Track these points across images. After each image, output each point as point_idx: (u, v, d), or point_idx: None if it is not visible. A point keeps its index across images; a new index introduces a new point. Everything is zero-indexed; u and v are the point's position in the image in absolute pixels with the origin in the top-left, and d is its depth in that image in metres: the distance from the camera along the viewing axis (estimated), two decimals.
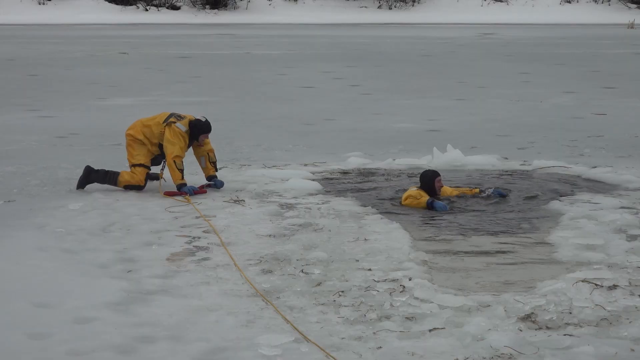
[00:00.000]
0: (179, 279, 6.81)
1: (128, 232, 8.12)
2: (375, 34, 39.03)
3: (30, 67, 24.31)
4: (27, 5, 49.07)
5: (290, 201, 9.33)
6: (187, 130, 9.60)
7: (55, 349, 5.49)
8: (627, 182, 10.23)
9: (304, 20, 47.55)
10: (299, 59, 27.04)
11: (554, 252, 7.59)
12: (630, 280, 6.66)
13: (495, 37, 37.87)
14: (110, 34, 38.63)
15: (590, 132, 13.95)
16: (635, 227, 8.18)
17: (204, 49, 30.79)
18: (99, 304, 6.22)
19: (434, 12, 50.68)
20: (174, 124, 9.57)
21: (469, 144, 12.64)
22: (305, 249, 7.52)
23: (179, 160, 9.51)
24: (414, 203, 9.18)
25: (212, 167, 9.86)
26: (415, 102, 17.86)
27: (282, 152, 12.25)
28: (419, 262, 7.18)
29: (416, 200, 9.18)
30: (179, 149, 9.49)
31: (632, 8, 51.26)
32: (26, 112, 16.08)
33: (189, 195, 9.39)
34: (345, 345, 5.56)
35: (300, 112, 16.23)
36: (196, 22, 47.67)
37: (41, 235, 7.97)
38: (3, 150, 12.29)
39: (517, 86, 20.49)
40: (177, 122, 9.60)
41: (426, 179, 9.37)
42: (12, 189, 9.88)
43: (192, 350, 5.50)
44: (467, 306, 6.13)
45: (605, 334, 5.73)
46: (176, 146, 9.48)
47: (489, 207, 9.30)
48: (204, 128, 9.68)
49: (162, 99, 18.08)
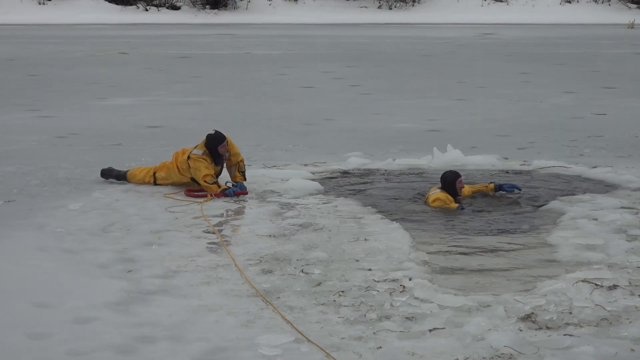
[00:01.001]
0: (179, 279, 6.81)
1: (128, 232, 8.12)
2: (375, 34, 39.03)
3: (30, 67, 24.30)
4: (27, 5, 49.06)
5: (290, 201, 9.33)
6: (204, 151, 9.74)
7: (55, 349, 5.49)
8: (627, 182, 10.24)
9: (304, 20, 47.54)
10: (299, 59, 27.04)
11: (554, 252, 7.60)
12: (630, 280, 6.67)
13: (495, 37, 37.87)
14: (110, 34, 38.62)
15: (590, 132, 13.95)
16: (635, 227, 8.18)
17: (204, 49, 30.79)
18: (99, 304, 6.22)
19: (434, 12, 50.66)
20: (191, 153, 9.74)
21: (469, 144, 12.64)
22: (305, 249, 7.52)
23: (209, 178, 9.59)
24: (444, 207, 9.18)
25: (240, 175, 9.91)
26: (415, 102, 17.86)
27: (282, 152, 12.25)
28: (419, 262, 7.18)
29: (445, 205, 9.18)
30: (204, 169, 9.59)
31: (632, 8, 51.26)
32: (26, 112, 16.07)
33: (231, 197, 9.42)
34: (345, 345, 5.56)
35: (300, 112, 16.23)
36: (196, 22, 47.66)
37: (41, 235, 7.97)
38: (3, 150, 12.29)
39: (517, 86, 20.48)
40: (194, 149, 9.78)
41: (447, 181, 9.38)
42: (12, 189, 9.88)
43: (192, 350, 5.50)
44: (467, 306, 6.13)
45: (605, 334, 5.73)
46: (201, 168, 9.60)
47: (489, 207, 9.30)
48: (215, 140, 9.76)
49: (162, 99, 18.07)
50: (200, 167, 9.62)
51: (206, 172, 9.58)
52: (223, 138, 9.80)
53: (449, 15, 49.68)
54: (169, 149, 12.35)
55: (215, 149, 9.75)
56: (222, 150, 9.78)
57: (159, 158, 11.70)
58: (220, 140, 9.77)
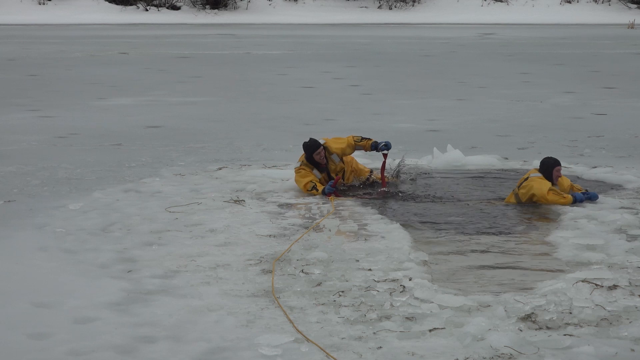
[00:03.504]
0: (179, 279, 6.81)
1: (128, 232, 8.12)
2: (375, 34, 39.03)
3: (30, 67, 24.31)
4: (27, 5, 49.07)
5: (290, 201, 9.33)
6: (302, 162, 9.80)
7: (55, 349, 5.49)
8: (627, 182, 10.24)
9: (304, 20, 47.55)
10: (299, 59, 27.04)
11: (554, 252, 7.60)
12: (630, 280, 6.67)
13: (495, 37, 37.87)
14: (110, 34, 38.62)
15: (590, 132, 13.95)
16: (635, 227, 8.18)
17: (204, 49, 30.79)
18: (99, 304, 6.22)
19: (434, 12, 50.67)
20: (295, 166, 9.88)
21: (469, 144, 12.64)
22: (305, 249, 7.52)
23: (309, 185, 9.56)
24: (561, 201, 9.13)
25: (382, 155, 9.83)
26: (415, 102, 17.85)
27: (282, 152, 12.25)
28: (419, 262, 7.18)
29: (563, 199, 9.13)
30: (301, 179, 9.64)
31: (632, 8, 51.26)
32: (26, 112, 16.07)
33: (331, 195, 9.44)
34: (345, 345, 5.56)
35: (300, 112, 16.23)
36: (196, 22, 47.67)
37: (41, 235, 7.97)
38: (3, 150, 12.29)
39: (517, 86, 20.48)
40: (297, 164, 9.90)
41: (546, 166, 9.37)
42: (12, 189, 9.88)
43: (192, 350, 5.50)
44: (467, 306, 6.13)
45: (605, 334, 5.73)
46: (299, 180, 9.66)
47: (490, 207, 9.30)
48: (308, 148, 9.72)
49: (162, 99, 18.07)
50: (299, 179, 9.68)
51: (304, 181, 9.61)
52: (316, 146, 9.70)
53: (449, 15, 49.69)
54: (169, 149, 12.37)
55: (312, 157, 9.73)
56: (318, 158, 9.72)
57: (159, 158, 11.73)
58: (312, 148, 9.70)
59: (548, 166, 9.35)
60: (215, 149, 12.43)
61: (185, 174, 10.66)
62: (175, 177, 10.49)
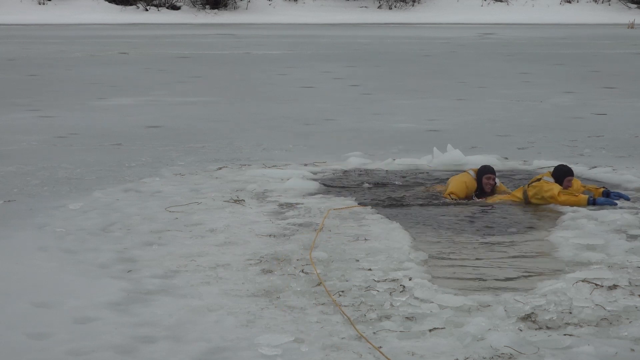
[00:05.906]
0: (179, 279, 6.81)
1: (128, 232, 8.12)
2: (375, 34, 39.03)
3: (31, 67, 24.31)
4: (27, 5, 49.08)
5: (290, 201, 9.33)
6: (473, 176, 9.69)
7: (55, 349, 5.49)
8: (627, 182, 10.24)
9: (304, 20, 47.57)
10: (299, 59, 27.04)
11: (554, 252, 7.60)
12: (630, 280, 6.66)
13: (495, 37, 37.87)
14: (110, 34, 38.63)
15: (590, 132, 13.95)
16: (635, 227, 8.18)
17: (204, 49, 30.79)
18: (99, 304, 6.22)
19: (434, 12, 50.70)
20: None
21: (469, 144, 12.64)
22: (305, 249, 7.52)
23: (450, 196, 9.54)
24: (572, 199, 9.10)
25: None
26: (415, 102, 17.86)
27: (282, 152, 12.25)
28: (419, 262, 7.18)
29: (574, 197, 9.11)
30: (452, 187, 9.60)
31: (632, 8, 51.29)
32: (26, 112, 16.08)
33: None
34: (345, 345, 5.56)
35: (300, 112, 16.23)
36: (196, 22, 47.69)
37: (41, 235, 7.96)
38: (3, 150, 12.29)
39: (517, 86, 20.48)
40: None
41: (559, 173, 9.38)
42: (12, 189, 9.88)
43: (192, 350, 5.49)
44: (467, 306, 6.13)
45: (605, 334, 5.73)
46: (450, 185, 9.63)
47: (489, 207, 9.30)
48: (483, 171, 9.68)
49: (162, 99, 18.08)
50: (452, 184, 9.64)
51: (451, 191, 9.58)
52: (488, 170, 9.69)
53: (449, 15, 49.70)
54: (169, 149, 12.37)
55: (481, 180, 9.68)
56: (484, 182, 9.67)
57: (159, 158, 11.73)
58: (485, 171, 9.68)
59: (561, 174, 9.37)
60: (215, 149, 12.43)
61: (185, 174, 10.66)
62: (175, 177, 10.49)
